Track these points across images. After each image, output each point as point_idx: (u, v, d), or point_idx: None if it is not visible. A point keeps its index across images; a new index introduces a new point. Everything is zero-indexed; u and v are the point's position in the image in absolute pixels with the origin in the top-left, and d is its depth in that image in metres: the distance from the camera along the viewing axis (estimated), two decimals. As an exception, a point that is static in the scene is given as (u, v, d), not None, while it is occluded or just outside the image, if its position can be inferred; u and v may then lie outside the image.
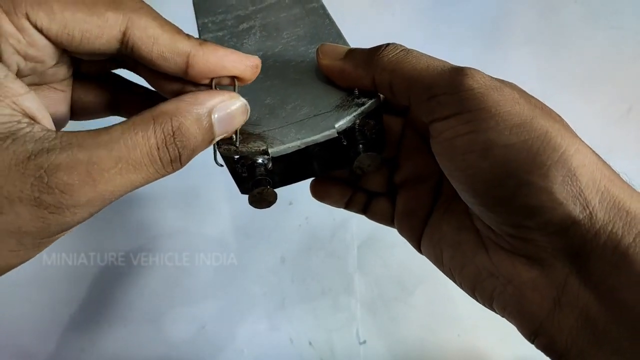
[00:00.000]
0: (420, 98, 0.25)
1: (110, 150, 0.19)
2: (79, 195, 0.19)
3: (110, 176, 0.19)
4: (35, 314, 0.55)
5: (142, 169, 0.20)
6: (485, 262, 0.27)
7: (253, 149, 0.26)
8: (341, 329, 0.57)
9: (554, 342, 0.24)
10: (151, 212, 0.58)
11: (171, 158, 0.21)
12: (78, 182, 0.19)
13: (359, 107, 0.27)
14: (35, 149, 0.19)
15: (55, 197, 0.19)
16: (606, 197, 0.23)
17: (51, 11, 0.20)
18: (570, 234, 0.23)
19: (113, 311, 0.56)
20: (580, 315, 0.23)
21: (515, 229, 0.25)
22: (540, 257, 0.25)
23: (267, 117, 0.28)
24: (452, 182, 0.26)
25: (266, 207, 0.28)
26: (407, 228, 0.32)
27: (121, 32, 0.21)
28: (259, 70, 0.25)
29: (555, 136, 0.23)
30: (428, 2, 0.59)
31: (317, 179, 0.34)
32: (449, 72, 0.25)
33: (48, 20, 0.20)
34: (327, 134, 0.27)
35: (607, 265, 0.23)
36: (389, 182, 0.33)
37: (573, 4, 0.61)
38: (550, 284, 0.24)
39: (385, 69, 0.26)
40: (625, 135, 0.61)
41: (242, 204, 0.59)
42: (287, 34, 0.33)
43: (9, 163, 0.18)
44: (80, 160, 0.19)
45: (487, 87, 0.24)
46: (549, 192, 0.22)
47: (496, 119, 0.23)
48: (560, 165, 0.22)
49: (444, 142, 0.25)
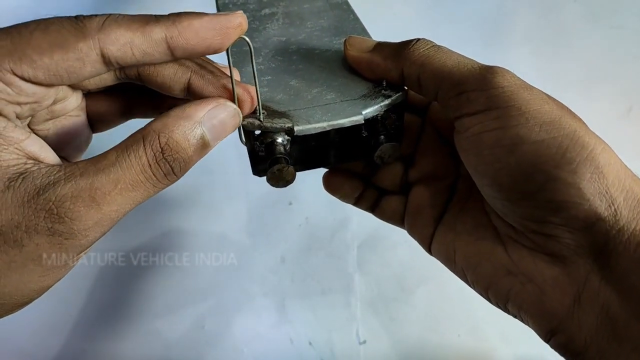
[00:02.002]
0: (449, 94, 0.26)
1: (109, 174, 0.21)
2: (86, 219, 0.21)
3: (112, 197, 0.21)
4: (35, 314, 0.55)
5: (140, 186, 0.22)
6: (503, 260, 0.27)
7: (277, 125, 0.26)
8: (341, 329, 0.57)
9: (573, 340, 0.24)
10: (151, 212, 0.58)
11: (164, 172, 0.23)
12: (84, 208, 0.21)
13: (387, 98, 0.28)
14: (42, 184, 0.21)
15: (66, 225, 0.21)
16: (630, 195, 0.24)
17: (32, 61, 0.21)
18: (595, 231, 0.24)
19: (113, 311, 0.56)
20: (600, 313, 0.24)
21: (539, 224, 0.25)
22: (563, 254, 0.25)
23: (293, 97, 0.28)
24: (475, 178, 0.27)
25: (282, 186, 0.28)
26: (419, 226, 0.32)
27: (99, 55, 0.22)
28: (243, 28, 0.24)
29: (583, 135, 0.24)
30: (428, 2, 0.59)
31: (331, 171, 0.34)
32: (480, 69, 0.26)
33: (32, 70, 0.21)
34: (354, 119, 0.27)
35: (629, 262, 0.23)
36: (402, 180, 0.33)
37: (573, 4, 0.61)
38: (571, 282, 0.25)
39: (415, 62, 0.27)
40: (626, 135, 0.61)
41: (242, 204, 0.59)
42: (310, 24, 0.34)
43: (22, 200, 0.21)
44: (83, 188, 0.21)
45: (517, 85, 0.25)
46: (577, 188, 0.23)
47: (526, 116, 0.24)
48: (588, 163, 0.23)
49: (472, 137, 0.25)
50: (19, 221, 0.20)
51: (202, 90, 0.25)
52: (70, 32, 0.21)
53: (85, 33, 0.21)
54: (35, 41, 0.21)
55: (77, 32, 0.21)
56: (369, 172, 0.34)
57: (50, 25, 0.22)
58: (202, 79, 0.25)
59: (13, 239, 0.20)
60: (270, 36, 0.33)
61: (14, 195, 0.21)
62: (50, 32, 0.21)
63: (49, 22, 0.22)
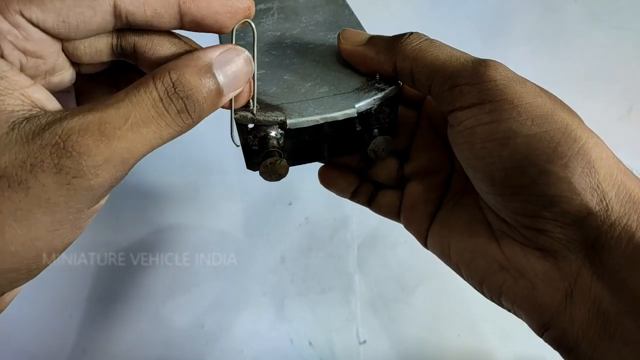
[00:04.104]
0: (442, 87, 0.26)
1: (118, 108, 0.20)
2: (95, 154, 0.19)
3: (123, 133, 0.20)
4: (35, 314, 0.55)
5: (152, 123, 0.21)
6: (496, 255, 0.27)
7: (270, 118, 0.26)
8: (341, 329, 0.57)
9: (565, 335, 0.24)
10: (151, 212, 0.58)
11: (177, 109, 0.21)
12: (92, 142, 0.19)
13: (380, 91, 0.28)
14: (48, 120, 0.20)
15: (73, 159, 0.19)
16: (622, 190, 0.23)
17: (42, 4, 0.20)
18: (586, 226, 0.24)
19: (113, 311, 0.56)
20: (592, 307, 0.24)
21: (531, 219, 0.25)
22: (554, 249, 0.25)
23: (286, 91, 0.28)
24: (468, 172, 0.27)
25: (276, 179, 0.28)
26: (414, 221, 0.32)
27: (111, 5, 0.21)
28: (251, 12, 0.24)
29: (575, 129, 0.23)
30: (427, 2, 0.59)
31: (326, 165, 0.34)
32: (472, 63, 0.25)
33: (42, 13, 0.20)
34: (347, 112, 0.27)
35: (620, 257, 0.23)
36: (398, 175, 0.33)
37: (573, 4, 0.61)
38: (562, 276, 0.25)
39: (408, 56, 0.27)
40: (626, 135, 0.61)
41: (242, 204, 0.59)
42: (305, 19, 0.34)
43: (27, 138, 0.19)
44: (91, 121, 0.20)
45: (510, 79, 0.25)
46: (568, 182, 0.23)
47: (518, 109, 0.24)
48: (580, 157, 0.23)
49: (464, 130, 0.25)
50: (23, 159, 0.19)
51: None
52: None
53: None
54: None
55: None
56: (365, 167, 0.34)
57: None
58: None
59: (17, 180, 0.19)
60: (264, 31, 0.33)
61: (18, 134, 0.19)
62: None
63: None
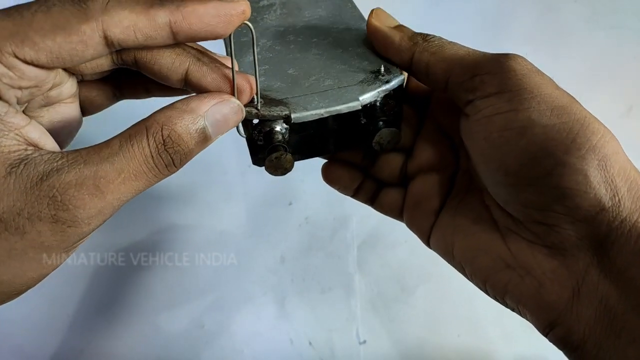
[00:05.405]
0: (462, 77, 0.26)
1: (113, 163, 0.21)
2: (90, 207, 0.21)
3: (116, 186, 0.21)
4: (35, 314, 0.55)
5: (142, 176, 0.22)
6: (501, 252, 0.27)
7: (275, 113, 0.26)
8: (341, 329, 0.57)
9: (571, 334, 0.24)
10: (151, 212, 0.58)
11: (165, 163, 0.23)
12: (88, 196, 0.21)
13: (384, 83, 0.28)
14: (45, 170, 0.21)
15: (69, 212, 0.21)
16: (634, 186, 0.24)
17: (34, 44, 0.21)
18: (597, 222, 0.24)
19: (112, 311, 0.56)
20: (599, 305, 0.24)
21: (542, 213, 0.25)
22: (563, 246, 0.25)
23: (290, 85, 0.28)
24: (480, 165, 0.27)
25: (282, 174, 0.28)
26: (417, 219, 0.32)
27: (102, 37, 0.22)
28: (246, 15, 0.24)
29: (593, 122, 0.24)
30: (427, 1, 0.59)
31: (330, 162, 0.34)
32: (492, 55, 0.26)
33: (34, 53, 0.21)
34: (352, 105, 0.27)
35: (630, 255, 0.23)
36: (401, 172, 0.33)
37: (573, 4, 0.61)
38: (570, 274, 0.25)
39: (428, 50, 0.28)
40: (626, 134, 0.61)
41: (242, 204, 0.59)
42: (308, 13, 0.34)
43: (25, 187, 0.20)
44: (87, 176, 0.21)
45: (530, 70, 0.25)
46: (584, 175, 0.23)
47: (538, 99, 0.24)
48: (597, 150, 0.23)
49: (482, 119, 0.26)
50: (21, 208, 0.20)
51: (200, 80, 0.24)
52: (72, 14, 0.21)
53: (88, 15, 0.21)
54: (37, 23, 0.21)
55: (80, 14, 0.21)
56: (368, 164, 0.34)
57: (53, 6, 0.21)
58: (200, 69, 0.24)
59: (15, 226, 0.20)
60: (268, 27, 0.33)
61: (16, 181, 0.20)
62: (53, 14, 0.21)
63: (50, 3, 0.21)
